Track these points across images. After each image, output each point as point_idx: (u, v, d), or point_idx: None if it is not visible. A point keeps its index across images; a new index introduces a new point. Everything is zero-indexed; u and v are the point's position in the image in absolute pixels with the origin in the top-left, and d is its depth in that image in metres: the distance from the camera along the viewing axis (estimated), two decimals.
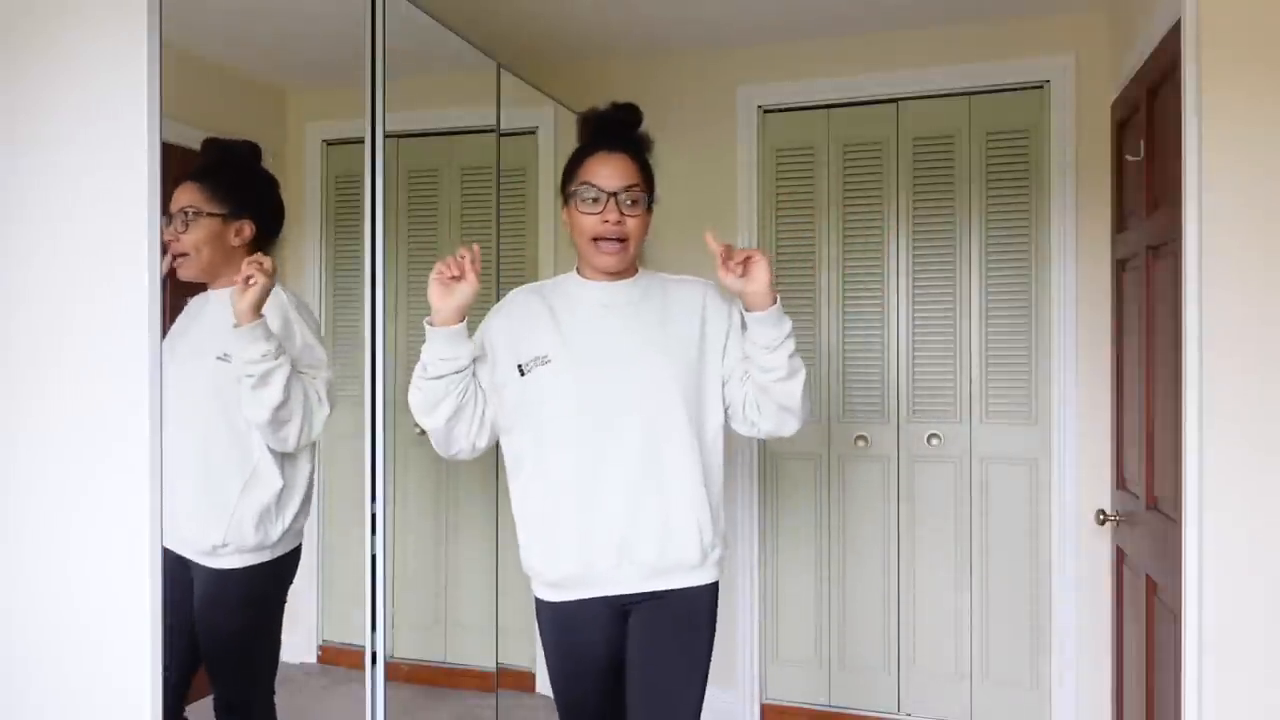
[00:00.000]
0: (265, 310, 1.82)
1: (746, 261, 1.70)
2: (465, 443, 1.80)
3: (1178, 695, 1.94)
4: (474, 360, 1.76)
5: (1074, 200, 2.92)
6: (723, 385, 1.84)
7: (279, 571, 2.01)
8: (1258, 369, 1.83)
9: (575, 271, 1.88)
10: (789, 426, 1.81)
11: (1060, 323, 2.94)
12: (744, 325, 1.79)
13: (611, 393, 1.76)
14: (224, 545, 1.88)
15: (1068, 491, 2.92)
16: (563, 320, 1.81)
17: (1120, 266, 2.71)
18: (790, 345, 1.74)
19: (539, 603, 1.86)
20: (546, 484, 1.79)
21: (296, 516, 1.99)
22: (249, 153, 1.99)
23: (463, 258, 1.69)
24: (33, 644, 1.61)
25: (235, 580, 1.91)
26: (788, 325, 1.73)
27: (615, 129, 1.83)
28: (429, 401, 1.74)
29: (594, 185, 1.75)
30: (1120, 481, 2.69)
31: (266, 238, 1.99)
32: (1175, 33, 1.99)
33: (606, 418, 1.75)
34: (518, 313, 1.85)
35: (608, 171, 1.76)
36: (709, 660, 1.85)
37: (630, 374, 1.76)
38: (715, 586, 1.84)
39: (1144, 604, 2.33)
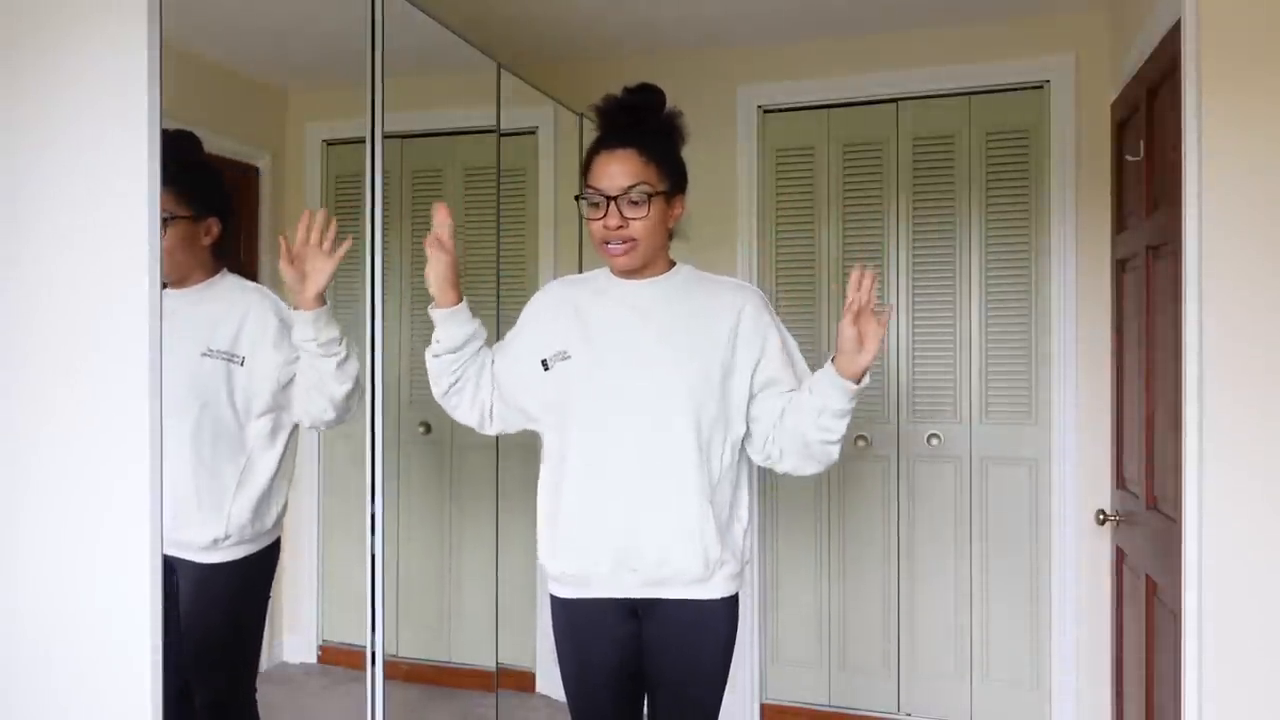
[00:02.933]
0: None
1: (866, 328, 1.63)
2: (467, 417, 1.87)
3: (1178, 695, 1.94)
4: (467, 343, 1.79)
5: (1074, 200, 2.92)
6: (749, 401, 1.78)
7: (267, 562, 2.02)
8: (1258, 368, 1.83)
9: (608, 266, 1.84)
10: (808, 470, 1.78)
11: (1060, 323, 2.94)
12: (788, 364, 1.78)
13: (621, 394, 1.72)
14: (226, 538, 1.88)
15: (1068, 491, 2.92)
16: (587, 317, 1.78)
17: (1120, 266, 2.71)
18: (851, 415, 1.70)
19: (552, 598, 1.84)
20: (559, 481, 1.77)
21: (284, 503, 2.02)
22: (197, 146, 1.91)
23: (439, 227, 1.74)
24: (34, 647, 1.61)
25: (228, 574, 1.91)
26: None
27: (623, 117, 1.77)
28: (431, 373, 1.83)
29: (595, 189, 1.71)
30: (1120, 481, 2.69)
31: (226, 231, 1.96)
32: (1175, 33, 1.99)
33: (614, 419, 1.72)
34: (548, 306, 1.84)
35: (608, 172, 1.70)
36: (726, 673, 1.82)
37: (642, 376, 1.72)
38: (732, 601, 1.79)
39: (1144, 604, 2.33)
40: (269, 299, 1.95)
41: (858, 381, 1.66)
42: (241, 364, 1.88)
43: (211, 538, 1.87)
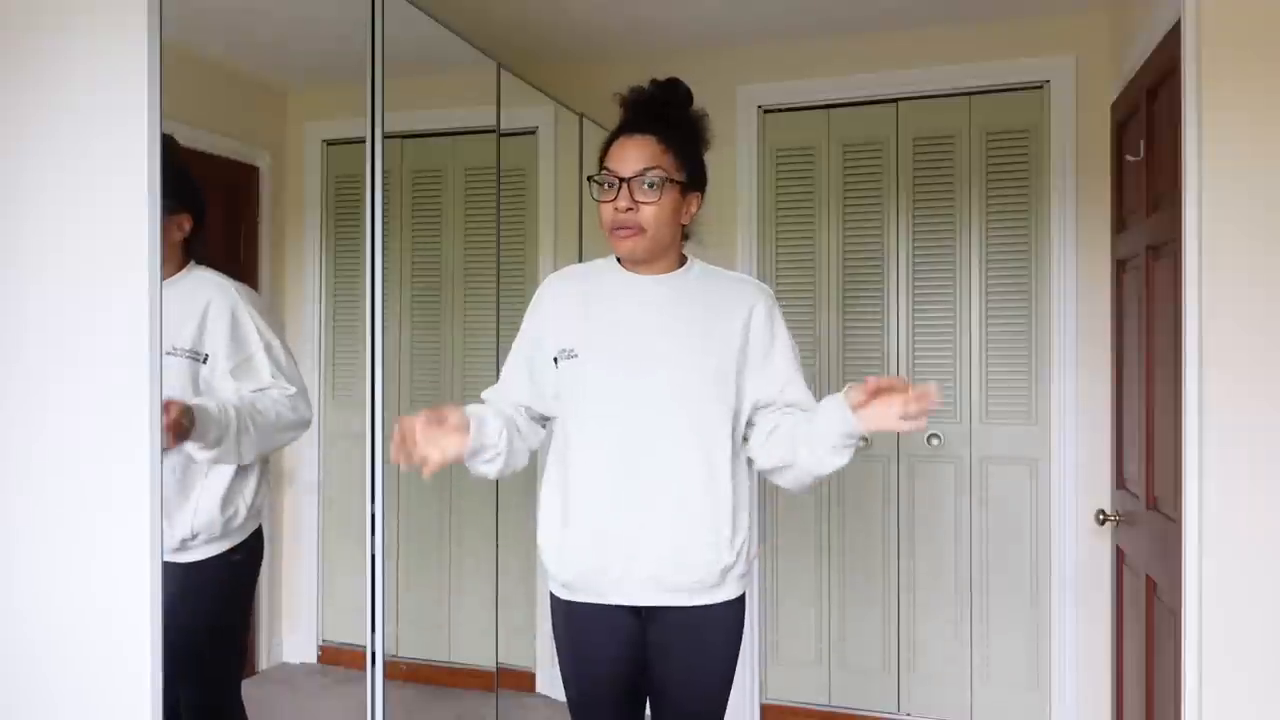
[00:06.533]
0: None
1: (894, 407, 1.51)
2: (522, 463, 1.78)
3: (1177, 695, 1.94)
4: (503, 434, 1.67)
5: (1074, 200, 2.92)
6: (753, 404, 1.74)
7: (249, 555, 2.01)
8: (1257, 368, 1.83)
9: (616, 258, 1.77)
10: (780, 482, 1.76)
11: (1060, 322, 2.94)
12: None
13: (633, 396, 1.67)
14: (193, 537, 1.86)
15: (1068, 491, 2.92)
16: (594, 312, 1.73)
17: (1120, 266, 2.71)
18: (850, 453, 1.61)
19: (552, 597, 1.80)
20: (566, 482, 1.72)
21: (257, 493, 1.99)
22: (173, 145, 1.86)
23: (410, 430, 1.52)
24: (33, 648, 1.61)
25: (208, 571, 1.90)
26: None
27: (647, 108, 1.73)
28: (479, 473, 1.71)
29: (608, 170, 1.67)
30: (1120, 481, 2.69)
31: (199, 228, 1.94)
32: (1175, 33, 1.99)
33: (626, 422, 1.67)
34: (553, 303, 1.78)
35: (624, 155, 1.66)
36: (732, 673, 1.80)
37: (655, 377, 1.67)
38: (739, 602, 1.76)
39: (1144, 604, 2.33)
40: (228, 294, 1.92)
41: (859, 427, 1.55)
42: (204, 361, 1.87)
43: (179, 538, 1.84)
